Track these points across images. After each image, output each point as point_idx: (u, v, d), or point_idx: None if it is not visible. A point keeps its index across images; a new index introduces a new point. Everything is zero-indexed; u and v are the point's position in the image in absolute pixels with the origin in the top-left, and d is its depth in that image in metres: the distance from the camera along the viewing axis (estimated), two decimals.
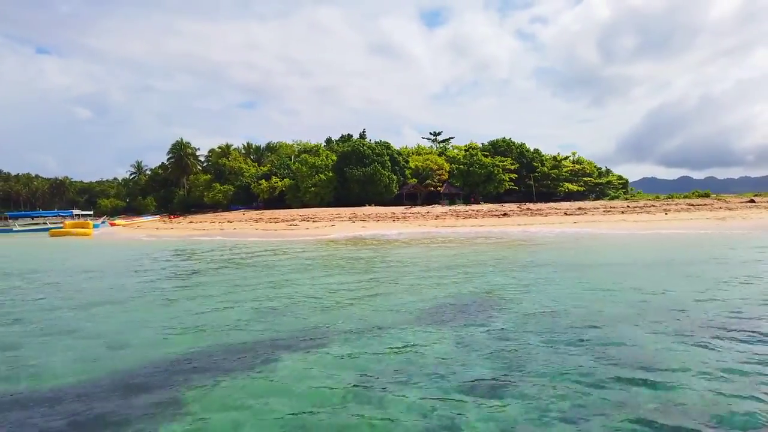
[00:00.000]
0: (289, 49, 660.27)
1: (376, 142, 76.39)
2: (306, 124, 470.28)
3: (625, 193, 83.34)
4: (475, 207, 53.97)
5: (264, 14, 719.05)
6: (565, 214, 41.65)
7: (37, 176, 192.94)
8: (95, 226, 62.57)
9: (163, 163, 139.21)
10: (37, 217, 62.41)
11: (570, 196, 77.95)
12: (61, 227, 58.94)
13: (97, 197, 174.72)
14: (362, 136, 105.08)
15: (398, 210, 53.95)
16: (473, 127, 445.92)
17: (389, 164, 71.48)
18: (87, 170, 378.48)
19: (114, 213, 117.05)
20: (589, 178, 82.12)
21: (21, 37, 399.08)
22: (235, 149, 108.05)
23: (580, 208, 45.28)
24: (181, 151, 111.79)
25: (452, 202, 74.31)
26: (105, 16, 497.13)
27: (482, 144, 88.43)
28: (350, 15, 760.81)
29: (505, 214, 43.03)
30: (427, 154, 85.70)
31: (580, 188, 79.50)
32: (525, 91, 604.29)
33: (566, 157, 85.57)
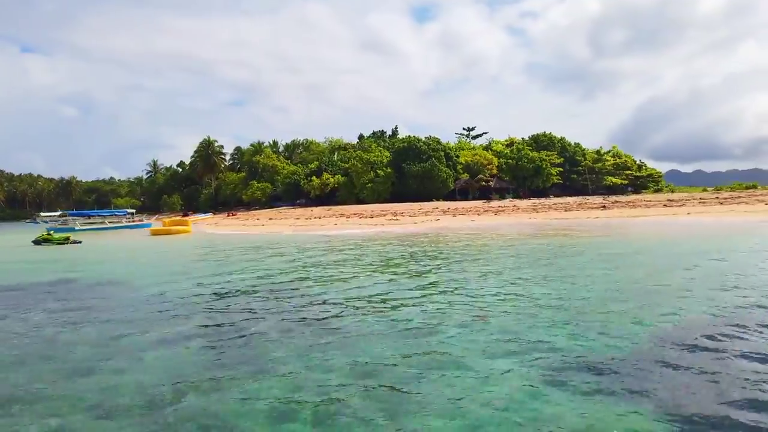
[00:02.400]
0: (279, 46, 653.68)
1: (427, 138, 76.77)
2: (296, 121, 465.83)
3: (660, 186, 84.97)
4: (561, 200, 54.73)
5: (252, 11, 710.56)
6: (664, 205, 42.58)
7: (39, 176, 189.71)
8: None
9: (182, 161, 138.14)
10: (95, 216, 62.03)
11: (613, 190, 79.29)
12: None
13: (105, 197, 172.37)
14: (394, 132, 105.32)
15: (477, 204, 54.52)
16: (465, 123, 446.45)
17: (444, 159, 72.02)
18: (74, 170, 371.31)
19: None
20: (629, 172, 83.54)
21: (6, 35, 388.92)
22: (266, 147, 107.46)
23: (670, 200, 46.29)
24: (209, 149, 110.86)
25: (502, 197, 75.15)
26: (90, 14, 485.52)
27: (522, 138, 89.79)
28: (339, 11, 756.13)
29: (604, 207, 43.84)
30: (469, 149, 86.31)
31: (623, 181, 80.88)
32: (515, 87, 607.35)
33: (608, 152, 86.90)
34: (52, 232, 37.47)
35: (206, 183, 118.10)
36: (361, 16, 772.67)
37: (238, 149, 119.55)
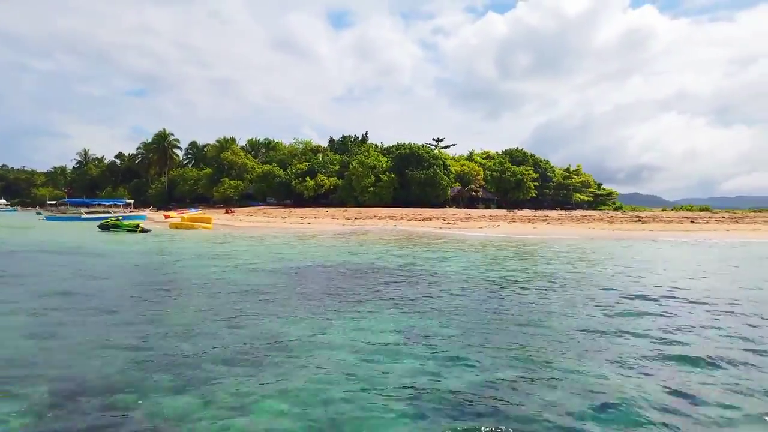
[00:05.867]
0: (188, 37, 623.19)
1: (422, 146, 77.91)
2: (202, 117, 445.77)
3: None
4: (589, 212, 58.11)
5: None
6: (692, 222, 47.05)
7: None
8: (142, 217, 57.23)
9: (120, 152, 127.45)
10: (93, 205, 56.85)
11: (579, 206, 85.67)
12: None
13: (15, 185, 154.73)
14: (364, 138, 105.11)
15: (501, 212, 56.43)
16: (374, 130, 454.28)
17: (442, 167, 73.54)
18: None
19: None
20: (592, 189, 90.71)
21: None
22: (233, 143, 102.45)
23: (686, 217, 51.18)
24: (165, 142, 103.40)
25: (488, 207, 78.19)
26: None
27: (497, 152, 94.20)
28: (255, 7, 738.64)
29: (639, 220, 47.58)
30: (451, 159, 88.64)
31: (589, 198, 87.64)
32: (425, 100, 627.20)
33: (574, 170, 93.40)
34: (120, 217, 34.09)
35: (154, 177, 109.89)
36: (277, 15, 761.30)
37: (193, 144, 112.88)
